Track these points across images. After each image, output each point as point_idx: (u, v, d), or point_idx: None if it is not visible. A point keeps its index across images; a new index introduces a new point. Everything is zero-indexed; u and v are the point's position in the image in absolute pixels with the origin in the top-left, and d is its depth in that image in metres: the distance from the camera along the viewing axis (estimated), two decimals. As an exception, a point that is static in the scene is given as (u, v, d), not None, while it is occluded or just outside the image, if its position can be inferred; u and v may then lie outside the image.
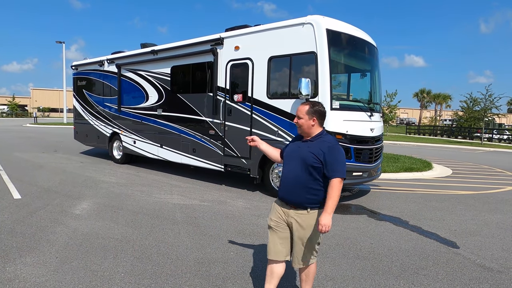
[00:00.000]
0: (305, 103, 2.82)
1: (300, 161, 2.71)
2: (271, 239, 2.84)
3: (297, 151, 2.78)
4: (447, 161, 14.83)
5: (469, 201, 7.33)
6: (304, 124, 2.75)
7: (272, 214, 2.88)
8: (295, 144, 2.86)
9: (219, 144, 7.94)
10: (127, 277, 3.50)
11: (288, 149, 2.89)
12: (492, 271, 3.92)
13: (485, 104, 28.63)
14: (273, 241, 2.83)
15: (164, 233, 4.80)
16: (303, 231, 2.73)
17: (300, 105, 2.83)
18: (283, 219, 2.80)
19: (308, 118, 2.74)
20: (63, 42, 39.26)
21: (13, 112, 67.44)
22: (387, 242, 4.73)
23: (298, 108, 2.82)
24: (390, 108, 33.07)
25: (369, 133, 6.86)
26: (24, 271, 3.56)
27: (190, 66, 8.56)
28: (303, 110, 2.75)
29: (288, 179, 2.78)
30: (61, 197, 6.57)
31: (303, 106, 2.79)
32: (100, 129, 11.69)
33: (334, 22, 6.56)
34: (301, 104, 2.84)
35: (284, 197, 2.80)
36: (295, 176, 2.72)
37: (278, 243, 2.80)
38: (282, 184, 2.83)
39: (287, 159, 2.85)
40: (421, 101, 66.38)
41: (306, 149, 2.72)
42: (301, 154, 2.73)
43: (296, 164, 2.74)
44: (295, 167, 2.74)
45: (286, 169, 2.82)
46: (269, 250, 2.85)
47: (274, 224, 2.83)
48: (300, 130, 2.81)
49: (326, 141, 2.71)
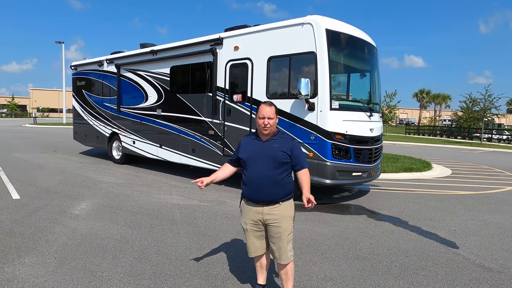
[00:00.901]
0: (268, 104, 2.90)
1: (269, 160, 2.83)
2: (249, 240, 3.02)
3: (262, 151, 2.87)
4: (447, 161, 14.83)
5: (468, 201, 7.33)
6: (274, 124, 2.88)
7: (245, 217, 2.99)
8: (254, 145, 2.93)
9: (218, 144, 7.93)
10: (126, 278, 3.49)
11: (248, 152, 2.93)
12: (492, 271, 3.91)
13: (484, 104, 28.66)
14: (251, 241, 3.01)
15: (164, 234, 4.79)
16: (279, 223, 2.86)
17: (266, 106, 2.87)
18: (257, 218, 2.92)
19: (276, 118, 2.90)
20: (62, 42, 39.30)
21: (12, 113, 67.39)
22: (386, 242, 4.72)
23: (264, 109, 2.85)
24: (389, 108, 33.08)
25: (369, 133, 6.86)
26: (23, 272, 3.55)
27: (190, 66, 8.56)
28: (273, 111, 2.86)
29: (257, 179, 2.85)
30: (60, 198, 6.56)
31: (271, 107, 2.87)
32: (99, 129, 11.68)
33: (333, 22, 6.56)
34: (266, 105, 2.88)
35: (254, 197, 2.89)
36: (265, 176, 2.83)
37: (255, 241, 3.00)
38: (250, 185, 2.89)
39: (251, 161, 2.90)
40: (421, 101, 66.42)
41: (273, 148, 2.85)
42: (268, 153, 2.85)
43: (264, 164, 2.84)
44: (263, 167, 2.84)
45: (252, 170, 2.88)
46: (249, 250, 3.05)
47: (250, 227, 2.97)
48: (267, 130, 2.87)
49: (286, 138, 2.95)
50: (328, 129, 6.25)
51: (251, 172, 2.88)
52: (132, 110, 10.28)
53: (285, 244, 2.87)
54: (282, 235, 2.86)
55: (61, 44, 39.30)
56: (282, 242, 2.87)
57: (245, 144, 3.00)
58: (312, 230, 5.15)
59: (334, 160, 6.31)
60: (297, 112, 6.55)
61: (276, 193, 2.85)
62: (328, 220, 5.67)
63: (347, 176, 6.57)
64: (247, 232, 3.01)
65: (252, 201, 2.92)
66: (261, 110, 2.87)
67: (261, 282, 3.20)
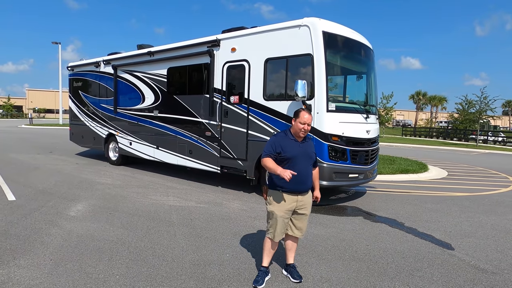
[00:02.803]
0: (307, 112, 3.41)
1: (308, 158, 3.48)
2: (279, 226, 3.43)
3: (302, 151, 3.43)
4: (443, 163, 14.91)
5: (464, 203, 7.37)
6: (308, 129, 3.42)
7: (282, 208, 3.41)
8: (294, 145, 3.42)
9: (215, 146, 7.93)
10: (122, 280, 3.48)
11: (292, 151, 3.39)
12: (487, 273, 3.94)
13: (480, 106, 28.85)
14: (280, 227, 3.45)
15: (160, 235, 4.78)
16: (307, 207, 3.53)
17: (306, 113, 3.38)
18: (291, 206, 3.42)
19: None
20: (59, 43, 39.16)
21: (8, 113, 66.99)
22: (382, 244, 4.74)
23: (305, 117, 3.35)
24: (386, 110, 33.23)
25: (365, 135, 6.88)
26: (18, 274, 3.53)
27: (187, 68, 8.56)
28: (311, 119, 3.40)
29: (302, 174, 3.35)
30: (56, 199, 6.53)
31: (310, 115, 3.40)
32: (96, 130, 11.64)
33: (330, 25, 6.59)
34: (306, 112, 3.38)
35: (297, 189, 3.40)
36: (307, 171, 3.45)
37: (283, 228, 3.48)
38: (296, 178, 3.26)
39: (295, 159, 3.38)
40: (417, 103, 66.74)
41: (309, 149, 3.50)
42: (307, 153, 3.47)
43: (305, 161, 3.43)
44: (305, 164, 3.43)
45: (298, 167, 3.33)
46: (276, 235, 3.45)
47: (284, 214, 3.43)
48: (305, 134, 3.43)
49: (311, 139, 3.63)
50: (325, 130, 6.27)
51: (295, 168, 3.28)
52: (129, 111, 10.26)
53: (306, 222, 3.61)
54: (307, 216, 3.56)
55: (58, 45, 39.19)
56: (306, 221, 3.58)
57: (285, 144, 3.40)
58: (309, 231, 5.15)
59: (331, 161, 6.33)
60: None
61: (310, 184, 3.52)
62: (325, 222, 5.69)
63: (344, 178, 6.59)
64: (279, 219, 3.40)
65: (293, 192, 3.40)
66: (302, 117, 3.36)
67: (265, 264, 3.62)
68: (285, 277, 3.64)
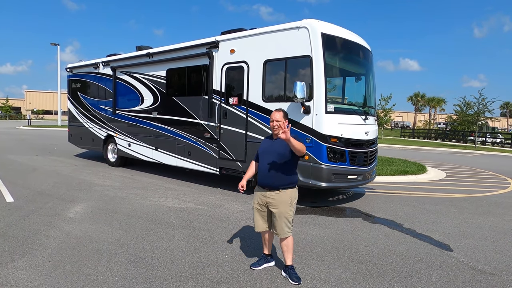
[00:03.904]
0: (277, 110, 3.60)
1: (275, 154, 3.54)
2: (255, 217, 3.75)
3: (270, 148, 3.62)
4: (441, 164, 14.94)
5: (462, 204, 7.38)
6: (282, 125, 3.52)
7: (255, 199, 3.74)
8: (267, 142, 3.71)
9: (214, 147, 7.94)
10: (120, 281, 3.48)
11: (261, 148, 3.72)
12: (485, 274, 3.95)
13: (478, 108, 28.92)
14: (256, 218, 3.75)
15: (159, 237, 4.78)
16: (278, 207, 3.55)
17: (276, 112, 3.58)
18: (262, 200, 3.64)
19: (284, 121, 3.56)
20: (57, 44, 39.11)
21: (6, 115, 66.85)
22: (381, 245, 4.75)
23: (275, 115, 3.56)
24: (385, 111, 33.30)
25: (364, 137, 6.90)
26: (16, 275, 3.52)
27: (186, 69, 8.57)
28: (280, 115, 3.55)
29: (265, 169, 3.58)
30: (54, 200, 6.52)
31: (279, 112, 3.57)
32: (94, 131, 11.63)
33: (329, 26, 6.61)
34: (276, 111, 3.59)
35: (261, 182, 3.63)
36: (272, 167, 3.55)
37: (259, 219, 3.73)
38: (260, 173, 3.62)
39: (262, 155, 3.66)
40: (416, 105, 66.85)
41: (278, 146, 3.54)
42: (274, 149, 3.57)
43: (270, 157, 3.56)
44: (270, 160, 3.56)
45: (263, 162, 3.63)
46: (255, 225, 3.77)
47: (257, 206, 3.71)
48: (276, 131, 3.54)
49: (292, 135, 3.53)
50: (324, 132, 6.28)
51: (261, 163, 3.65)
52: (127, 112, 10.26)
53: (283, 222, 3.56)
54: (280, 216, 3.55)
55: (57, 46, 39.15)
56: (280, 220, 3.56)
57: (262, 143, 3.79)
58: (308, 233, 5.16)
59: (330, 163, 6.33)
60: (293, 115, 6.56)
61: (276, 182, 3.53)
62: (324, 223, 5.69)
63: (343, 179, 6.59)
64: (254, 210, 3.74)
65: (261, 186, 3.66)
66: (272, 115, 3.59)
67: (266, 252, 3.92)
68: (284, 279, 3.65)
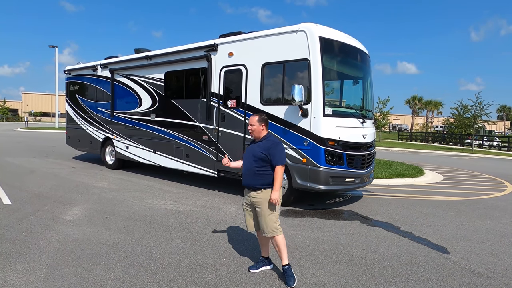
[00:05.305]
0: (253, 115, 3.75)
1: (251, 157, 3.67)
2: (246, 217, 3.86)
3: (248, 151, 3.77)
4: (439, 167, 15.00)
5: (459, 207, 7.42)
6: (255, 129, 3.69)
7: (244, 199, 3.88)
8: (250, 146, 3.83)
9: (212, 150, 7.94)
10: (118, 284, 3.48)
11: (245, 151, 3.88)
12: (482, 276, 3.97)
13: (475, 111, 29.11)
14: (246, 218, 3.86)
15: (157, 239, 4.78)
16: (261, 207, 3.65)
17: (252, 117, 3.71)
18: (249, 200, 3.74)
19: (258, 125, 3.69)
20: (55, 46, 39.10)
21: (3, 117, 66.62)
22: (379, 248, 4.76)
23: (250, 118, 3.72)
24: (382, 114, 33.46)
25: (362, 140, 6.93)
26: (14, 278, 3.51)
27: (184, 72, 8.59)
28: (255, 120, 3.69)
29: (244, 169, 3.76)
30: (52, 203, 6.50)
31: (253, 117, 3.71)
32: (92, 134, 11.61)
33: (327, 30, 6.65)
34: (252, 116, 3.72)
35: (243, 182, 3.78)
36: (248, 168, 3.69)
37: (249, 219, 3.83)
38: (243, 174, 3.77)
39: (244, 157, 3.81)
40: (413, 108, 67.16)
41: (255, 149, 3.67)
42: (251, 152, 3.70)
43: (248, 159, 3.71)
44: (247, 162, 3.71)
45: (244, 164, 3.79)
46: (246, 226, 3.87)
47: (245, 206, 3.83)
48: (252, 135, 3.74)
49: (270, 140, 3.67)
50: (321, 135, 6.31)
51: (243, 165, 3.80)
52: (126, 115, 10.26)
53: (267, 220, 3.62)
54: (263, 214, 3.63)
55: (55, 48, 39.13)
56: (264, 219, 3.63)
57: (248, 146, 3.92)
58: (305, 235, 5.17)
59: (327, 166, 6.36)
60: (291, 118, 6.60)
61: (253, 182, 3.65)
62: (321, 226, 5.71)
63: (340, 182, 6.61)
64: (243, 211, 3.86)
65: (245, 186, 3.78)
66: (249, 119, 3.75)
67: (263, 254, 3.96)
68: (282, 281, 3.65)
